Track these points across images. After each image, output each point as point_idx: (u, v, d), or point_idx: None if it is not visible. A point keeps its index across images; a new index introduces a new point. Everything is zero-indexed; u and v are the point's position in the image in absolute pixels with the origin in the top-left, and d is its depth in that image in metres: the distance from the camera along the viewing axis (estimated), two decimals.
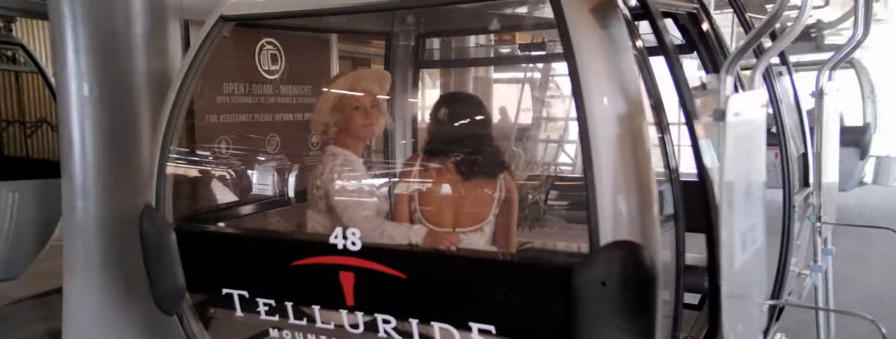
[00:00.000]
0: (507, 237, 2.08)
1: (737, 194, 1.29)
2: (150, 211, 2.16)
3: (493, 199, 2.04)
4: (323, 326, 1.99)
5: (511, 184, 2.15)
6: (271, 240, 2.18)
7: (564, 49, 1.60)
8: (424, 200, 2.08)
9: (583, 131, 1.54)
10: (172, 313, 2.21)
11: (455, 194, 2.05)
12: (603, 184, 1.51)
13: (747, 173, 1.36)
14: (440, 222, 2.05)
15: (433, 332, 1.83)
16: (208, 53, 2.18)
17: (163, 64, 2.76)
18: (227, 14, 2.14)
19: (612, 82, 1.56)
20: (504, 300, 1.69)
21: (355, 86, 2.36)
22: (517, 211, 2.07)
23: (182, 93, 2.16)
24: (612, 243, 1.50)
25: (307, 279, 1.97)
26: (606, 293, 1.51)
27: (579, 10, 1.62)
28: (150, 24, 2.71)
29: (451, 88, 3.42)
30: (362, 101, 2.32)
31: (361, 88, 2.34)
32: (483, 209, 2.02)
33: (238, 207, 2.69)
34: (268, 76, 3.18)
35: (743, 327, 1.40)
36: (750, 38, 1.38)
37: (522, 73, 3.26)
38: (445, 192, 2.06)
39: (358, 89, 2.34)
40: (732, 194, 1.26)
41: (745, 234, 1.42)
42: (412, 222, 2.10)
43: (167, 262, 2.13)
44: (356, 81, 2.40)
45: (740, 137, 1.31)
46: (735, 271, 1.37)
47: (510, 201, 2.06)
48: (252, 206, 2.77)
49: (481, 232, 2.03)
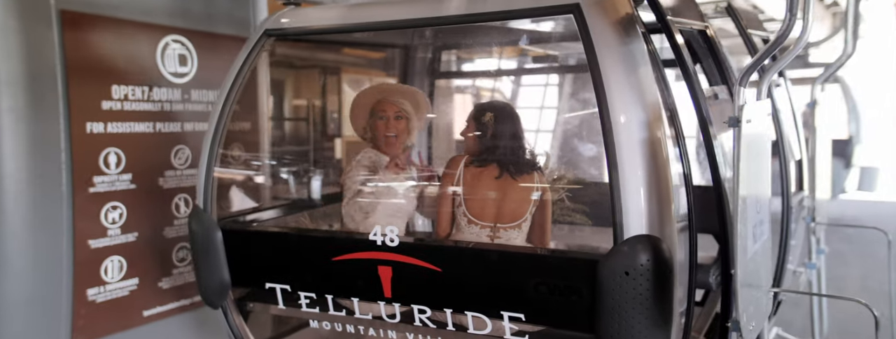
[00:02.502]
0: (542, 234, 2.24)
1: (750, 191, 1.47)
2: (197, 212, 2.31)
3: (531, 197, 2.21)
4: (361, 316, 2.14)
5: (544, 184, 2.32)
6: (314, 237, 2.32)
7: (589, 61, 1.78)
8: (469, 197, 2.25)
9: (607, 137, 1.72)
10: (217, 306, 2.35)
11: (499, 193, 2.22)
12: (626, 184, 1.69)
13: (757, 172, 1.54)
14: (483, 218, 2.22)
15: (466, 321, 1.99)
16: (250, 67, 2.34)
17: (30, 60, 2.43)
18: (271, 28, 2.30)
19: (634, 92, 1.73)
20: (534, 290, 1.85)
21: (383, 97, 2.53)
22: (551, 210, 2.25)
23: (228, 104, 2.31)
24: (635, 237, 1.67)
25: (347, 274, 2.12)
26: (629, 283, 1.68)
27: (602, 25, 1.79)
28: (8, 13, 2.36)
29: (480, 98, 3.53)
30: (387, 112, 2.47)
31: (389, 99, 2.50)
32: (523, 207, 2.20)
33: (273, 208, 2.83)
34: (174, 80, 2.94)
35: (753, 309, 1.57)
36: (761, 54, 1.57)
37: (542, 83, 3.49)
38: (490, 190, 2.23)
39: (385, 100, 2.50)
40: (748, 190, 1.44)
41: (755, 227, 1.60)
42: (455, 219, 2.26)
43: (214, 259, 2.28)
44: (385, 92, 2.57)
45: (751, 141, 1.49)
46: (747, 260, 1.54)
47: (545, 201, 2.23)
48: (284, 208, 2.90)
49: (519, 229, 2.20)
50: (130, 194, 2.81)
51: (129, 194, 2.81)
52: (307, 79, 5.55)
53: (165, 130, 2.94)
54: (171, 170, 2.98)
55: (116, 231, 2.79)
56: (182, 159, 3.01)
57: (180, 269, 3.09)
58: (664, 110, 1.78)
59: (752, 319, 1.60)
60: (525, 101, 3.38)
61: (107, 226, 2.76)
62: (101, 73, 2.68)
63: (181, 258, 3.09)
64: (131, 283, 2.88)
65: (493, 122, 2.21)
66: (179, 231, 3.04)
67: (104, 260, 2.77)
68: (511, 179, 2.19)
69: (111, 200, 2.76)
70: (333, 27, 2.25)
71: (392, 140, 2.47)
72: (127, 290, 2.86)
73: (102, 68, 2.69)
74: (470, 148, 2.27)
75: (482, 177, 2.22)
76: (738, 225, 1.47)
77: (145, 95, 2.84)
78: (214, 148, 2.30)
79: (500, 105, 2.46)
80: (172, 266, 3.06)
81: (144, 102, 2.84)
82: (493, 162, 2.22)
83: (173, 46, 2.93)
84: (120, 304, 2.83)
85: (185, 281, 3.11)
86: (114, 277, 2.80)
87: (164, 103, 2.92)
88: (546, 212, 2.21)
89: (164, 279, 3.03)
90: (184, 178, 3.03)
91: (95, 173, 2.68)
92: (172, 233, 3.04)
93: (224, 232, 2.29)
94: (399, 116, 2.47)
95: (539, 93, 3.34)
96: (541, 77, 3.55)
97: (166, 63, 2.91)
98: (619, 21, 1.81)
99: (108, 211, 2.75)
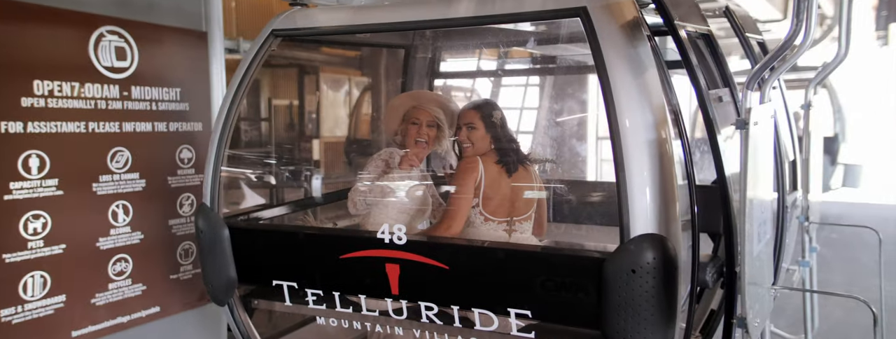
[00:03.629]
0: (541, 227, 2.34)
1: (756, 191, 1.52)
2: (205, 209, 2.32)
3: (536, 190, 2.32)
4: (368, 313, 2.17)
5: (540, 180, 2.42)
6: (321, 235, 2.34)
7: (596, 64, 1.82)
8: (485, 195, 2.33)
9: (614, 138, 1.76)
10: (223, 303, 2.37)
11: (510, 189, 2.29)
12: (632, 184, 1.72)
13: (761, 173, 1.59)
14: (497, 214, 2.30)
15: (473, 317, 2.02)
16: (258, 67, 2.35)
17: None
18: (278, 29, 2.31)
19: (640, 94, 1.77)
20: (541, 287, 1.88)
21: (419, 104, 2.61)
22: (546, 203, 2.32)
23: (234, 104, 2.33)
24: (640, 236, 1.71)
25: (355, 271, 2.14)
26: (636, 280, 1.71)
27: (609, 27, 1.83)
28: None
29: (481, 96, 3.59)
30: (420, 118, 2.56)
31: (424, 106, 2.58)
32: (531, 200, 2.28)
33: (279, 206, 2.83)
34: (111, 75, 2.66)
35: (758, 306, 1.62)
36: (769, 57, 1.61)
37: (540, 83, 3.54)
38: (504, 187, 2.31)
39: (421, 107, 2.58)
40: (755, 191, 1.48)
41: (759, 227, 1.64)
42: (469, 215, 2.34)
43: (221, 257, 2.29)
44: (421, 99, 2.66)
45: (757, 142, 1.54)
46: (753, 259, 1.59)
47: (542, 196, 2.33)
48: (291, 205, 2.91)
49: (530, 221, 2.28)
50: (57, 201, 2.52)
51: (56, 202, 2.52)
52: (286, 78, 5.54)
53: (101, 131, 2.65)
54: (108, 174, 2.69)
55: (39, 243, 2.49)
56: (121, 163, 2.72)
57: (118, 283, 2.78)
58: (669, 112, 1.82)
59: (757, 316, 1.65)
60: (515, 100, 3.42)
61: (26, 238, 2.46)
62: (18, 66, 2.40)
63: (119, 272, 2.78)
64: (56, 301, 2.57)
65: (502, 121, 2.27)
66: (116, 242, 2.76)
67: (23, 276, 2.46)
68: (523, 173, 2.27)
69: (32, 208, 2.46)
70: (342, 28, 2.27)
71: (422, 146, 2.56)
72: (51, 309, 2.56)
73: (21, 61, 2.41)
74: (479, 149, 2.33)
75: (498, 175, 2.28)
76: (745, 224, 1.51)
77: (75, 91, 2.55)
78: (221, 147, 2.31)
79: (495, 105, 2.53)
80: (108, 280, 2.75)
81: (74, 99, 2.55)
82: (505, 160, 2.28)
83: (109, 38, 2.65)
84: (42, 325, 2.53)
85: (124, 296, 2.81)
86: (35, 295, 2.49)
87: (99, 101, 2.64)
88: (544, 205, 2.30)
89: (98, 295, 2.71)
90: (123, 183, 2.75)
91: (13, 179, 2.40)
92: (108, 244, 2.74)
93: (231, 230, 2.30)
94: (431, 124, 2.55)
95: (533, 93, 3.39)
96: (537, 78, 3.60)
97: (101, 56, 2.63)
98: (626, 24, 1.85)
99: (28, 221, 2.45)
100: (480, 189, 2.30)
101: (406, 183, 2.51)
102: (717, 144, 1.74)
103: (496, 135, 2.34)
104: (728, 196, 1.71)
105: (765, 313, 1.81)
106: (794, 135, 3.08)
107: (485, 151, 2.32)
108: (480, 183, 2.30)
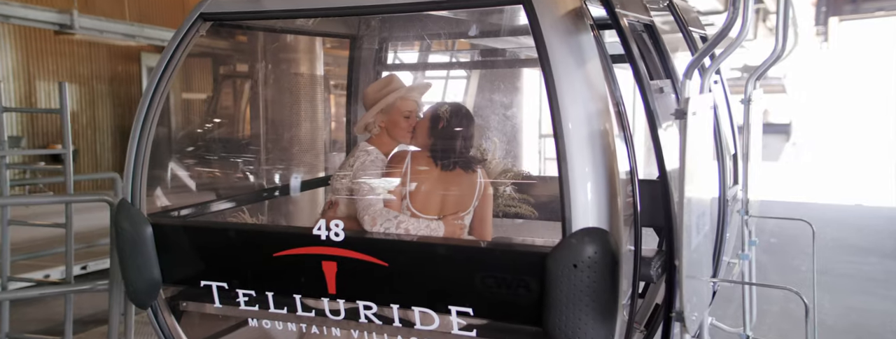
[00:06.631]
0: (483, 226, 2.25)
1: (695, 182, 1.50)
2: (125, 206, 2.17)
3: (476, 190, 2.22)
4: (303, 314, 2.07)
5: (487, 179, 2.32)
6: (253, 232, 2.23)
7: (539, 54, 1.77)
8: (414, 191, 2.22)
9: (557, 130, 1.72)
10: (147, 306, 2.22)
11: (442, 186, 2.20)
12: (574, 177, 1.69)
13: (701, 164, 1.57)
14: (426, 210, 2.20)
15: (413, 316, 1.95)
16: (184, 53, 2.21)
17: None
18: (206, 12, 2.18)
19: (583, 85, 1.74)
20: (482, 284, 1.83)
21: (408, 96, 2.47)
22: (492, 203, 2.24)
23: (157, 94, 2.18)
24: (582, 230, 1.68)
25: (289, 270, 2.04)
26: (577, 275, 1.68)
27: (552, 17, 1.79)
28: None
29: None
30: (413, 110, 2.43)
31: (413, 98, 2.46)
32: (467, 198, 2.18)
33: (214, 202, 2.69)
34: None
35: (696, 300, 1.60)
36: (706, 47, 1.60)
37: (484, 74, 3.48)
38: (433, 183, 2.21)
39: (410, 99, 2.45)
40: (694, 182, 1.46)
41: (698, 218, 1.63)
42: (400, 211, 2.22)
43: (143, 256, 2.15)
44: (410, 91, 2.52)
45: (696, 133, 1.51)
46: (691, 251, 1.57)
47: (487, 195, 2.23)
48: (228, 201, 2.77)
49: (467, 218, 2.19)
50: None
51: None
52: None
53: None
54: None
55: None
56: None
57: None
58: (612, 105, 1.79)
59: (694, 309, 1.63)
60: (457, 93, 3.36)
61: None
62: None
63: None
64: None
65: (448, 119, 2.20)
66: None
67: None
68: (451, 172, 2.19)
69: None
70: (276, 12, 2.16)
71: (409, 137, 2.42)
72: None
73: None
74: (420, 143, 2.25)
75: (426, 171, 2.20)
76: (683, 216, 1.49)
77: None
78: (144, 139, 2.16)
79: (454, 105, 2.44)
80: None
81: None
82: (443, 157, 2.20)
83: None
84: None
85: None
86: None
87: None
88: (488, 205, 2.22)
89: None
90: None
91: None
92: None
93: (155, 228, 2.15)
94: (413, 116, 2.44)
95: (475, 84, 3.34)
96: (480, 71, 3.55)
97: None
98: (569, 13, 1.81)
99: None
100: (406, 183, 2.21)
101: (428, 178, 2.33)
102: (657, 136, 1.72)
103: (437, 132, 2.24)
104: (669, 189, 1.70)
105: (703, 306, 1.80)
106: (734, 129, 3.13)
107: (423, 144, 2.24)
108: (406, 177, 2.22)
